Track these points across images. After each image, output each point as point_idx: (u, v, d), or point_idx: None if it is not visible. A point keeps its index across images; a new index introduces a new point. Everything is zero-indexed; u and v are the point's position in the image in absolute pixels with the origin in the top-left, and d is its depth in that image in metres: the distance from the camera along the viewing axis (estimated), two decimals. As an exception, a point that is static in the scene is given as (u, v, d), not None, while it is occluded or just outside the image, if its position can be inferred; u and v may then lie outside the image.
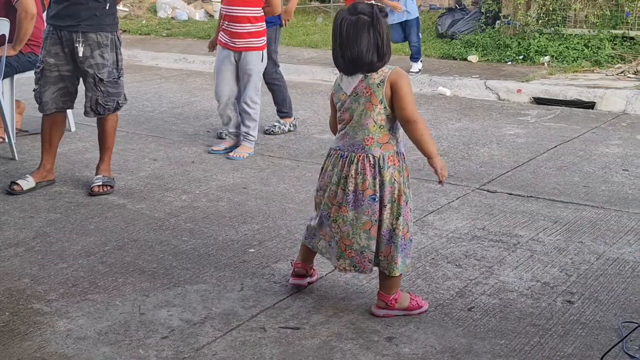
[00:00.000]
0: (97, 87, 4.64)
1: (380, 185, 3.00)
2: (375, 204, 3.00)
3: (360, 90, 2.99)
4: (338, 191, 3.05)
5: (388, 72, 2.98)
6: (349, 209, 3.02)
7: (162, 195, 4.74)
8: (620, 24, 9.47)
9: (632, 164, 5.46)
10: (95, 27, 4.59)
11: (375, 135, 2.99)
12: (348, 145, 3.03)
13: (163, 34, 12.50)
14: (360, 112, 2.99)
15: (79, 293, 3.36)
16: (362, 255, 3.07)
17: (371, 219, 3.01)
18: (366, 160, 2.99)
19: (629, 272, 3.61)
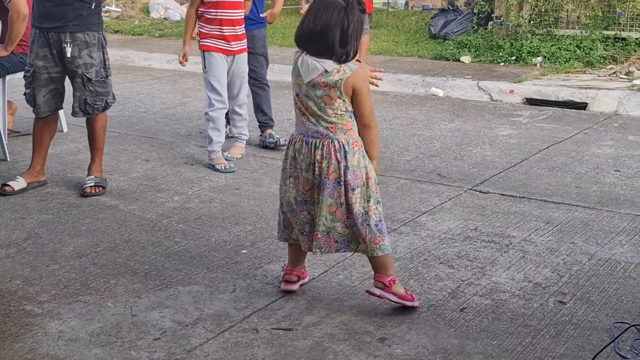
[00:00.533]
0: (85, 87, 4.63)
1: (344, 169, 3.02)
2: (340, 187, 3.04)
3: (318, 82, 3.00)
4: (309, 177, 3.08)
5: (349, 73, 2.98)
6: (318, 191, 3.07)
7: (154, 196, 4.73)
8: (612, 25, 9.49)
9: (623, 164, 5.48)
10: (83, 27, 4.58)
11: (338, 122, 3.03)
12: (312, 132, 3.06)
13: (156, 34, 12.48)
14: (319, 103, 3.02)
15: (71, 294, 3.35)
16: (328, 235, 3.11)
17: (336, 202, 3.06)
18: (331, 145, 3.03)
19: (621, 272, 3.62)
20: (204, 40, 5.34)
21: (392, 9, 13.94)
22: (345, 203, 3.06)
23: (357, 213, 3.07)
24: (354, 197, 3.05)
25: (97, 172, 4.83)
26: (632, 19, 9.39)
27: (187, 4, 14.13)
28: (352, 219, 3.08)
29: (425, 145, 6.00)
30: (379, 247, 3.10)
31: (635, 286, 3.47)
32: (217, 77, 5.38)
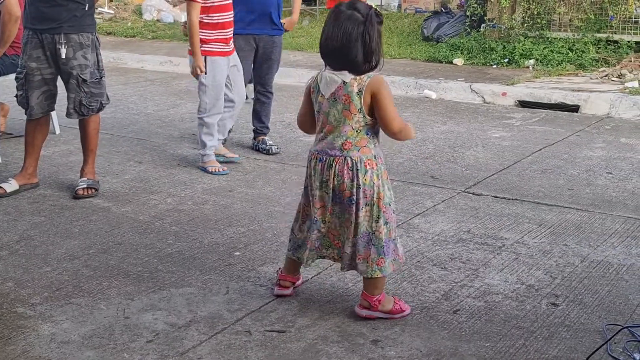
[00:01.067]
0: (80, 88, 4.62)
1: (357, 188, 3.01)
2: (352, 205, 3.03)
3: (339, 96, 2.99)
4: (323, 195, 3.08)
5: (367, 80, 2.97)
6: (334, 206, 3.07)
7: (147, 198, 4.72)
8: (604, 27, 9.52)
9: (615, 167, 5.50)
10: (77, 28, 4.57)
11: (353, 139, 3.01)
12: (327, 149, 3.05)
13: (148, 36, 12.46)
14: (338, 118, 3.01)
15: (63, 297, 3.34)
16: (346, 245, 3.11)
17: (350, 219, 3.05)
18: (344, 163, 3.01)
19: (613, 274, 3.63)
20: (206, 45, 5.15)
21: (385, 11, 13.94)
22: (355, 221, 3.05)
23: (363, 232, 3.06)
24: (362, 215, 3.04)
25: (89, 174, 4.82)
26: (624, 22, 9.42)
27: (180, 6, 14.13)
28: (358, 238, 3.06)
29: (418, 148, 6.00)
30: (380, 268, 3.08)
31: (627, 288, 3.48)
32: (219, 83, 5.28)
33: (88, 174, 4.81)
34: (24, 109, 4.77)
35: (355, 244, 3.07)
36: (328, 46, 2.99)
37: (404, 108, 7.60)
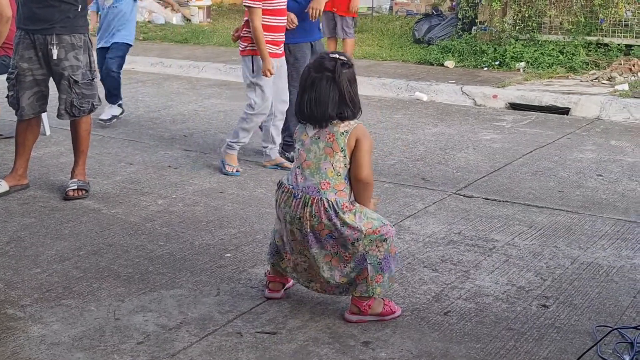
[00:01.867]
0: (72, 89, 4.61)
1: (340, 225, 2.99)
2: (333, 240, 3.03)
3: (323, 134, 3.02)
4: (294, 230, 3.07)
5: (354, 125, 3.00)
6: (309, 246, 3.06)
7: (138, 200, 4.71)
8: (594, 30, 9.56)
9: (606, 169, 5.52)
10: (69, 29, 4.56)
11: (332, 181, 3.01)
12: (302, 186, 3.04)
13: (140, 37, 12.43)
14: (319, 155, 3.02)
15: (53, 298, 3.33)
16: (328, 284, 3.12)
17: (330, 252, 3.06)
18: (320, 203, 3.00)
19: (603, 276, 3.65)
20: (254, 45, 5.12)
21: (376, 14, 13.96)
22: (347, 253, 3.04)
23: (357, 257, 3.06)
24: (355, 248, 3.04)
25: (80, 175, 4.80)
26: (614, 25, 9.47)
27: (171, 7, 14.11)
28: (354, 262, 3.06)
29: (409, 150, 6.01)
30: (379, 284, 3.08)
31: (617, 290, 3.49)
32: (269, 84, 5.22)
33: (78, 175, 4.79)
34: (14, 110, 4.75)
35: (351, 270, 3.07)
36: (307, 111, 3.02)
37: (395, 110, 7.62)
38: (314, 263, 3.10)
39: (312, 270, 3.13)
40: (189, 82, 9.27)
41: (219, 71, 9.73)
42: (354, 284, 3.10)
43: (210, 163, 5.56)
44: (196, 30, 12.68)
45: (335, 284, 3.12)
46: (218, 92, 8.60)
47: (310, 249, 3.06)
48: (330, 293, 3.19)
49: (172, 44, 11.94)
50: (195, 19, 13.80)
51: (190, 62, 10.15)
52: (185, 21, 13.87)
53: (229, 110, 7.50)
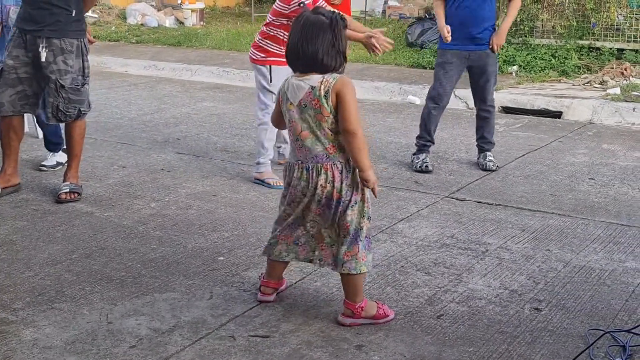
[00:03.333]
0: (58, 93, 4.57)
1: (346, 189, 3.02)
2: (340, 206, 3.03)
3: (308, 101, 3.00)
4: (311, 201, 3.06)
5: (332, 82, 2.98)
6: (323, 213, 3.06)
7: (130, 203, 4.70)
8: (586, 34, 9.61)
9: (598, 172, 5.54)
10: (59, 33, 4.53)
11: (335, 143, 3.02)
12: (311, 157, 3.04)
13: (132, 40, 12.43)
14: (313, 123, 3.01)
15: (46, 302, 3.32)
16: (331, 248, 3.12)
17: (337, 219, 3.06)
18: (334, 168, 3.02)
19: (595, 279, 3.66)
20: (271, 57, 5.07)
21: (369, 17, 13.99)
22: (346, 220, 3.05)
23: (353, 230, 3.06)
24: (352, 213, 3.05)
25: (72, 178, 4.79)
26: (606, 29, 9.52)
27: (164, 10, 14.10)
28: (347, 236, 3.06)
29: (402, 153, 6.02)
30: (364, 263, 3.09)
31: (609, 293, 3.50)
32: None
33: (71, 179, 4.78)
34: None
35: (343, 242, 3.08)
36: (297, 51, 3.01)
37: (388, 114, 7.63)
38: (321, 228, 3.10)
39: (318, 235, 3.13)
40: (182, 85, 9.27)
41: (212, 74, 9.74)
42: (340, 261, 3.08)
43: (203, 166, 5.56)
44: (189, 33, 12.68)
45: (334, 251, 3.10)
46: (211, 95, 8.59)
47: (322, 213, 3.06)
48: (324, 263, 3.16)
49: (165, 46, 11.93)
50: (189, 22, 13.80)
51: (183, 65, 10.15)
52: (179, 24, 13.87)
53: (222, 114, 7.50)
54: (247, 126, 6.90)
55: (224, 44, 11.73)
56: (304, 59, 3.01)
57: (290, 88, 3.05)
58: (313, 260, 3.20)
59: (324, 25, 2.99)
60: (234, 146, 6.13)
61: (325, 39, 2.98)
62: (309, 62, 3.00)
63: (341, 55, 3.03)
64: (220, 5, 16.43)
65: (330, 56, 2.99)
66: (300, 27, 3.02)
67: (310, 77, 3.00)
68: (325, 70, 3.00)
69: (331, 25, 2.99)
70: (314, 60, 2.99)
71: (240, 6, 16.93)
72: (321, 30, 2.98)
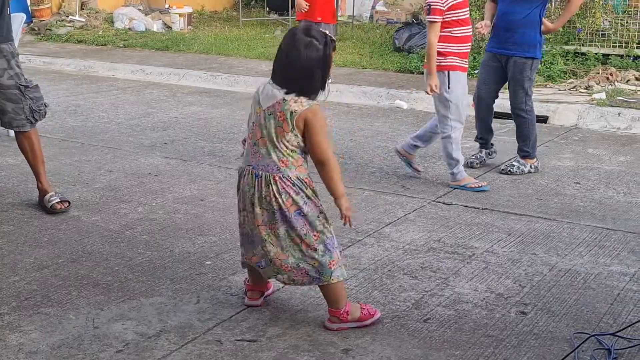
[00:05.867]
0: (25, 96, 4.47)
1: (303, 200, 3.00)
2: (301, 217, 3.01)
3: (275, 111, 2.98)
4: (262, 212, 3.03)
5: (305, 107, 2.95)
6: (279, 225, 3.02)
7: (117, 207, 4.69)
8: (572, 40, 9.66)
9: (583, 177, 5.57)
10: (5, 38, 4.40)
11: (290, 159, 3.00)
12: (262, 164, 3.01)
13: (120, 44, 12.40)
14: (272, 133, 2.98)
15: (32, 306, 3.31)
16: (298, 268, 3.08)
17: (303, 234, 3.03)
18: (284, 180, 2.99)
19: (581, 283, 3.68)
20: (448, 59, 5.04)
21: (357, 22, 14.02)
22: (314, 232, 3.03)
23: (328, 238, 3.06)
24: (321, 223, 3.04)
25: (49, 187, 4.65)
26: (591, 35, 9.57)
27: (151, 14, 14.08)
28: (325, 246, 3.05)
29: (389, 157, 6.04)
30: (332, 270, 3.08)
31: (594, 296, 3.53)
32: (461, 98, 5.16)
33: (49, 188, 4.64)
34: None
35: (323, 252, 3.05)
36: (282, 67, 2.99)
37: (375, 118, 7.65)
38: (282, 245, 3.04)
39: (279, 257, 3.06)
40: (169, 89, 9.25)
41: (199, 79, 9.72)
42: (328, 272, 3.06)
43: (191, 171, 5.55)
44: (177, 37, 12.66)
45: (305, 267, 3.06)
46: (199, 99, 8.59)
47: (279, 229, 3.02)
48: (299, 283, 3.12)
49: (153, 51, 11.91)
50: (176, 26, 13.78)
51: (171, 69, 10.13)
52: (166, 28, 13.84)
53: (210, 118, 7.49)
54: (234, 130, 6.90)
55: (212, 48, 11.71)
56: (292, 80, 2.97)
57: (264, 92, 3.04)
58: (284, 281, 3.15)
59: (316, 49, 2.95)
60: (222, 150, 6.13)
61: (316, 63, 2.95)
62: (295, 84, 2.97)
63: (321, 82, 3.00)
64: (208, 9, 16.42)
65: (312, 79, 2.96)
66: (291, 48, 2.97)
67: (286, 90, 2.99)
68: (309, 92, 2.98)
69: (324, 50, 2.96)
70: (302, 83, 2.96)
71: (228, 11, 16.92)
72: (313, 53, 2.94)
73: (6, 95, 4.44)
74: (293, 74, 2.96)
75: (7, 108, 4.47)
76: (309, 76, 2.96)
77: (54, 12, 14.03)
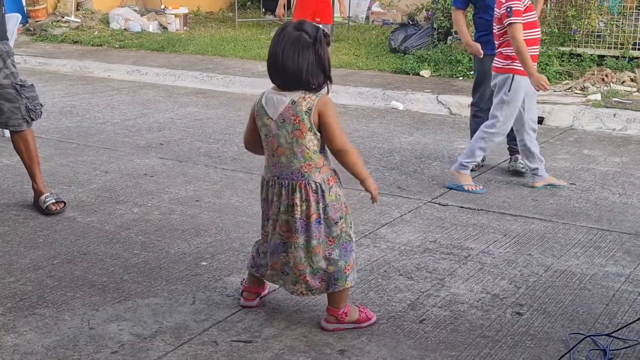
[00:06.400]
0: (22, 95, 4.46)
1: (323, 208, 3.01)
2: (320, 226, 3.02)
3: (288, 117, 2.96)
4: (288, 219, 3.04)
5: (315, 99, 2.95)
6: (299, 235, 3.03)
7: (113, 208, 4.68)
8: (567, 41, 9.67)
9: (579, 178, 5.58)
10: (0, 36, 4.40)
11: (312, 161, 2.99)
12: (286, 173, 3.01)
13: (115, 45, 12.39)
14: (290, 140, 2.97)
15: (27, 307, 3.30)
16: (315, 277, 3.09)
17: (319, 241, 3.04)
18: (309, 187, 2.99)
19: (576, 283, 3.69)
20: (516, 62, 5.04)
21: (352, 23, 14.02)
22: (330, 237, 3.04)
23: (345, 242, 3.07)
24: (339, 228, 3.05)
25: (45, 188, 4.64)
26: (587, 36, 9.59)
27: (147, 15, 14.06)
28: (342, 250, 3.06)
29: (385, 158, 6.04)
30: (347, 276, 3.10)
31: (590, 297, 3.53)
32: (517, 104, 5.18)
33: (44, 189, 4.63)
34: None
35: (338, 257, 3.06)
36: (277, 68, 2.96)
37: (371, 119, 7.65)
38: (301, 256, 3.05)
39: (298, 267, 3.07)
40: (165, 90, 9.25)
41: (195, 79, 9.72)
42: (343, 277, 3.07)
43: (187, 171, 5.55)
44: (173, 38, 12.65)
45: (322, 275, 3.07)
46: (194, 100, 8.58)
47: (298, 238, 3.03)
48: (317, 291, 3.12)
49: (149, 51, 11.90)
50: (172, 27, 13.77)
51: (167, 70, 10.12)
52: (162, 29, 13.83)
53: (206, 119, 7.49)
54: (230, 131, 6.90)
55: (208, 49, 11.71)
56: (286, 76, 2.95)
57: (268, 102, 3.01)
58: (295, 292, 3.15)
59: (306, 42, 2.93)
60: (218, 151, 6.13)
61: (308, 57, 2.92)
62: (291, 80, 2.95)
63: (325, 73, 2.98)
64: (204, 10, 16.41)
65: (313, 75, 2.94)
66: (281, 43, 2.95)
67: (291, 92, 2.98)
68: (307, 88, 2.96)
69: (314, 44, 2.93)
70: (297, 78, 2.94)
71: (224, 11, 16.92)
72: (303, 49, 2.92)
73: (2, 95, 4.43)
74: (291, 72, 2.93)
75: (3, 107, 4.46)
76: (308, 70, 2.92)
77: (49, 12, 14.02)
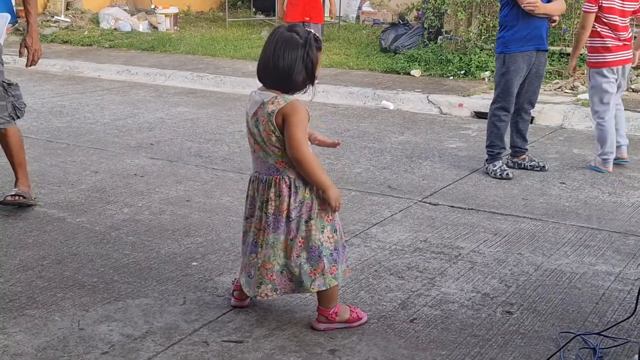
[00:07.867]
0: (8, 93, 4.44)
1: (297, 204, 3.01)
2: (291, 223, 3.01)
3: (259, 117, 2.99)
4: (262, 215, 3.06)
5: (283, 103, 2.94)
6: (269, 231, 3.03)
7: (103, 208, 4.67)
8: (557, 40, 9.71)
9: (569, 177, 5.60)
10: None
11: (284, 159, 3.00)
12: (264, 169, 3.05)
13: (106, 45, 12.35)
14: (262, 138, 3.01)
15: (17, 308, 3.29)
16: (281, 275, 3.08)
17: (287, 238, 3.03)
18: (282, 182, 3.01)
19: (566, 282, 3.70)
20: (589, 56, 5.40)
21: (343, 23, 14.03)
22: (299, 238, 3.03)
23: (313, 246, 3.04)
24: (308, 229, 3.03)
25: (23, 185, 4.59)
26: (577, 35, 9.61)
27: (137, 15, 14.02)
28: (310, 254, 3.04)
29: (376, 158, 6.05)
30: (334, 276, 3.08)
31: (580, 296, 3.54)
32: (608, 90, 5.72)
33: (21, 186, 4.58)
34: None
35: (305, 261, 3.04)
36: (268, 66, 2.98)
37: (361, 118, 7.65)
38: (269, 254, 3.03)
39: (265, 266, 3.05)
40: (155, 90, 9.23)
41: (185, 79, 9.70)
42: (308, 280, 3.05)
43: (177, 171, 5.54)
44: (163, 38, 12.63)
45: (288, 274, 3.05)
46: (185, 100, 8.57)
47: (268, 235, 3.02)
48: (280, 292, 3.10)
49: (139, 51, 11.87)
50: (162, 26, 13.74)
51: (157, 70, 10.11)
52: (152, 29, 13.80)
53: (196, 119, 7.47)
54: (221, 131, 6.89)
55: (198, 49, 11.70)
56: (273, 74, 2.97)
57: (250, 101, 3.06)
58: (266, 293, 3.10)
59: (297, 43, 2.94)
60: (208, 151, 6.12)
61: (296, 57, 2.93)
62: (276, 79, 2.97)
63: (310, 75, 2.98)
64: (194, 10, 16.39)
65: (298, 75, 2.95)
66: (273, 43, 2.97)
67: (269, 93, 2.99)
68: (290, 88, 2.97)
69: (305, 47, 2.94)
70: (282, 77, 2.95)
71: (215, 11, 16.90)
72: (294, 48, 2.93)
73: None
74: (271, 70, 2.97)
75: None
76: (286, 72, 2.94)
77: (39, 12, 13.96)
